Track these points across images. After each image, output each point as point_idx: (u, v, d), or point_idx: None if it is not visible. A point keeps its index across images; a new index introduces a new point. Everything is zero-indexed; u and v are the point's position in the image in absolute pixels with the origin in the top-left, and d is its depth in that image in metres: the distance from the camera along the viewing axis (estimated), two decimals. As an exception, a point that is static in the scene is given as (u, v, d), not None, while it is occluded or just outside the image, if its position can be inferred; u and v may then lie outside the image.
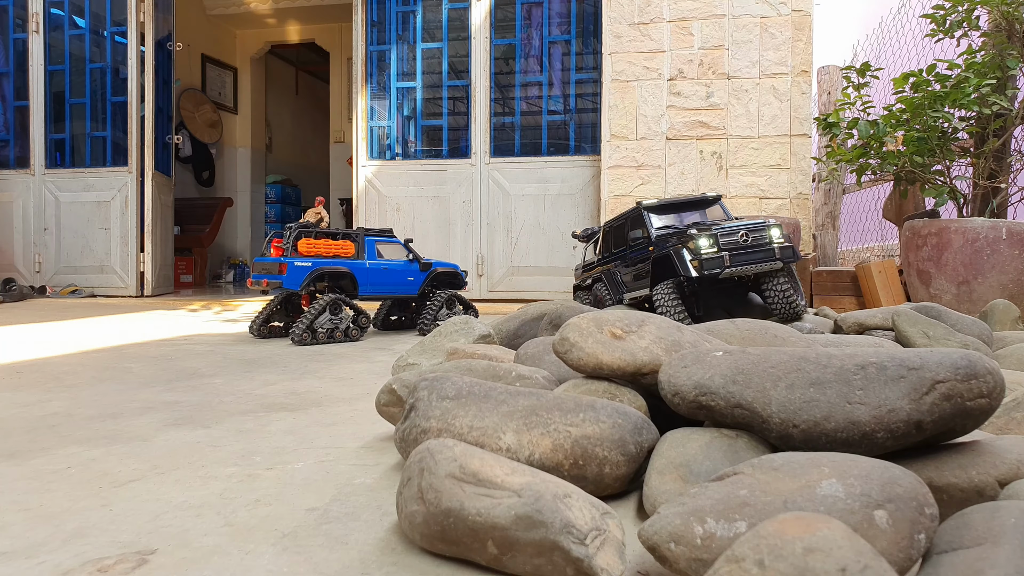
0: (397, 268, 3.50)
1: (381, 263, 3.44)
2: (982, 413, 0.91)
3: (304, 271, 3.20)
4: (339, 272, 3.30)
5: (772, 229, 2.55)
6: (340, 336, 3.19)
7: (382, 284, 3.44)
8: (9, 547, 0.92)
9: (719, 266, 2.49)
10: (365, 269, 3.38)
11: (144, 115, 5.98)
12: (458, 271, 3.77)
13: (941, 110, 3.42)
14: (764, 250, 2.52)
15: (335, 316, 3.18)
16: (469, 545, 0.83)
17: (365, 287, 3.38)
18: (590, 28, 5.42)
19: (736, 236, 2.53)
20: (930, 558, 0.72)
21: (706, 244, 2.52)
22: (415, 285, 3.55)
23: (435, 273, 3.63)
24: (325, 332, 3.13)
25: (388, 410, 1.41)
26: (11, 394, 1.97)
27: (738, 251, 2.50)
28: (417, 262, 3.56)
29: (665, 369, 1.14)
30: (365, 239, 3.43)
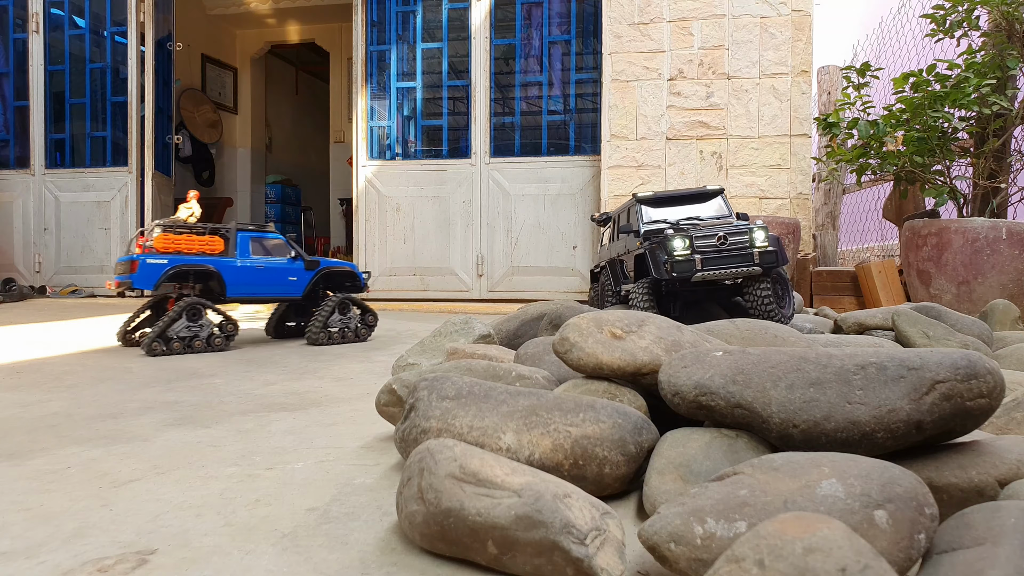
0: (275, 267, 3.11)
1: (255, 261, 3.06)
2: (982, 413, 0.91)
3: (158, 269, 2.82)
4: (204, 271, 2.92)
5: (755, 233, 2.43)
6: (200, 345, 2.84)
7: (256, 285, 3.06)
8: (9, 547, 0.92)
9: (690, 269, 2.40)
10: (234, 267, 2.99)
11: (144, 115, 5.98)
12: (355, 271, 3.40)
13: (941, 110, 3.42)
14: (741, 255, 2.40)
15: (193, 322, 2.83)
16: (469, 545, 0.83)
17: (235, 288, 3.00)
18: (590, 28, 5.42)
19: (713, 239, 2.43)
20: (930, 558, 0.72)
21: (679, 246, 2.43)
22: (298, 286, 3.19)
23: (324, 273, 3.26)
24: (182, 341, 2.80)
25: (388, 410, 1.41)
26: (11, 394, 1.97)
27: (713, 255, 2.40)
28: (301, 260, 3.20)
29: (665, 369, 1.14)
30: (237, 234, 3.06)
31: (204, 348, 2.85)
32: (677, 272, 2.40)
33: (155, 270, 2.82)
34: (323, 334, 3.10)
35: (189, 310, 2.84)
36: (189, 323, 2.83)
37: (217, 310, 2.93)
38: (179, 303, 2.83)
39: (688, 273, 2.40)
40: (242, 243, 3.07)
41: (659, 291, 2.62)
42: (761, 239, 2.41)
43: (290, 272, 3.16)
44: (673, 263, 2.40)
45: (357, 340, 3.20)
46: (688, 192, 2.86)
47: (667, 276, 2.42)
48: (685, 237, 2.43)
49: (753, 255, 2.40)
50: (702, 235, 2.44)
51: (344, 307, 3.20)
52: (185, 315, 2.82)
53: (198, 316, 2.85)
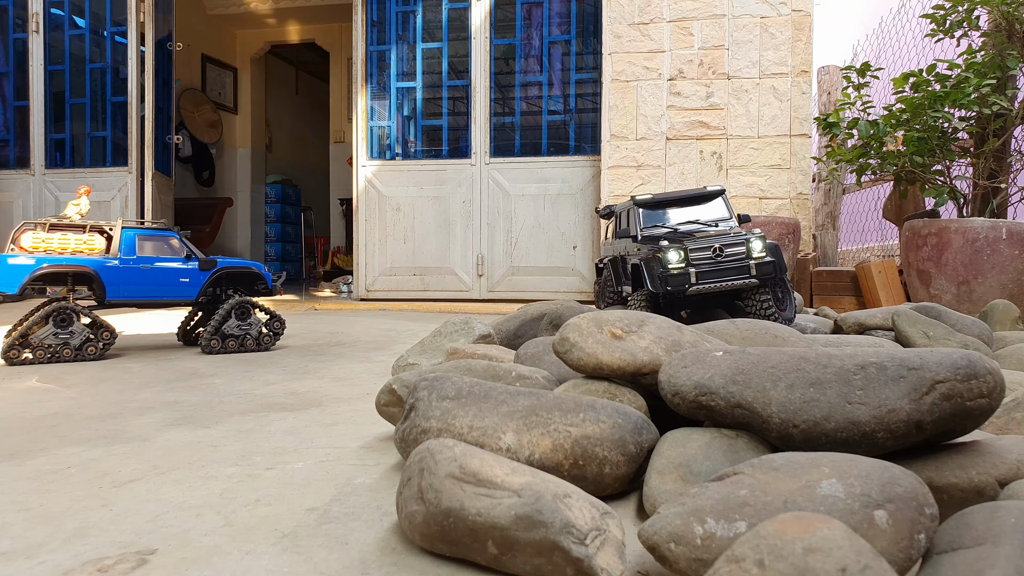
0: (163, 267, 2.83)
1: (139, 260, 2.78)
2: (982, 413, 0.91)
3: (22, 270, 2.57)
4: (79, 272, 2.65)
5: (753, 243, 2.37)
6: (69, 354, 2.61)
7: (141, 286, 2.78)
8: (9, 547, 0.92)
9: (685, 283, 2.36)
10: (114, 268, 2.72)
11: (144, 115, 5.98)
12: (260, 271, 3.09)
13: (941, 110, 3.42)
14: (738, 267, 2.36)
15: (61, 329, 2.62)
16: (469, 545, 0.83)
17: (115, 290, 2.73)
18: (590, 28, 5.42)
19: (708, 250, 2.38)
20: (930, 558, 0.72)
21: (674, 259, 2.38)
22: (191, 288, 2.89)
23: (221, 273, 2.98)
24: (47, 349, 2.58)
25: (388, 410, 1.41)
26: (11, 394, 1.97)
27: (708, 267, 2.36)
28: (196, 259, 2.92)
29: (665, 369, 1.14)
30: (122, 232, 2.79)
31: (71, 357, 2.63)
32: (672, 286, 2.37)
33: (18, 271, 2.57)
34: (215, 340, 2.87)
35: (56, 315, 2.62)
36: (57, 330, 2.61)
37: (91, 315, 2.70)
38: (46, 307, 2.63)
39: (683, 287, 2.36)
40: (126, 242, 2.79)
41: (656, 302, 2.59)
42: (759, 249, 2.36)
43: (181, 273, 2.87)
44: (668, 276, 2.37)
45: (259, 348, 2.95)
46: (688, 194, 2.79)
47: (662, 289, 2.38)
48: (680, 249, 2.38)
49: (750, 267, 2.35)
50: (697, 247, 2.39)
51: (243, 311, 2.93)
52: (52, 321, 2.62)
53: (68, 322, 2.63)
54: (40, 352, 2.59)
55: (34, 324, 2.60)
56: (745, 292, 2.42)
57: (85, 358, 2.66)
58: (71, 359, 2.63)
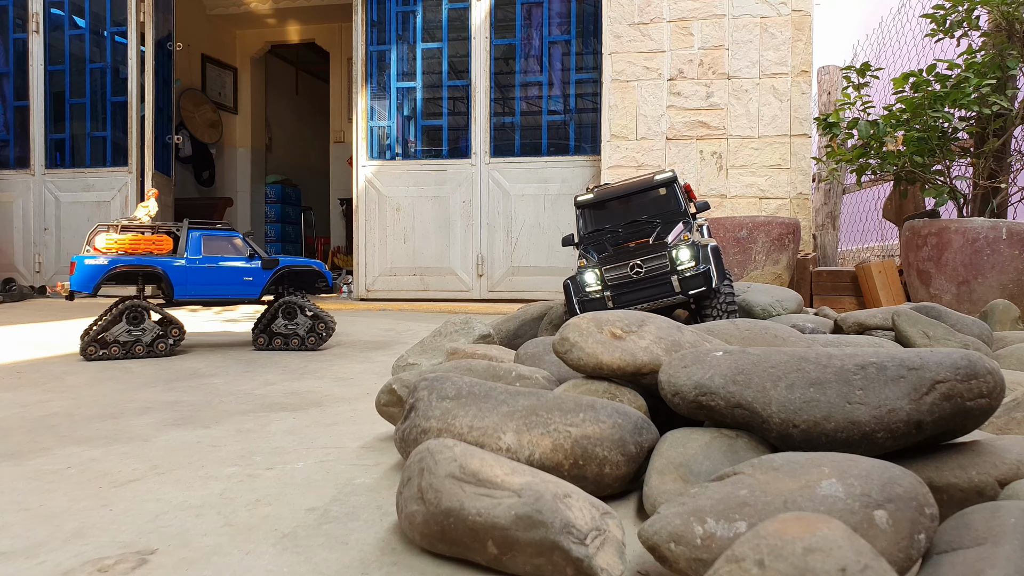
0: (227, 267, 2.88)
1: (205, 260, 2.85)
2: (982, 413, 0.91)
3: (97, 270, 2.66)
4: (149, 272, 2.74)
5: (679, 252, 2.15)
6: (140, 351, 2.68)
7: (206, 285, 2.84)
8: (9, 547, 0.92)
9: (601, 308, 2.17)
10: (181, 267, 2.79)
11: (144, 115, 5.98)
12: (320, 269, 3.07)
13: (941, 110, 3.42)
14: (660, 284, 2.16)
15: (134, 326, 2.69)
16: (469, 545, 0.83)
17: (183, 289, 2.79)
18: (590, 28, 5.42)
19: (626, 268, 2.19)
20: (930, 558, 0.72)
21: (590, 281, 2.21)
22: (255, 287, 2.92)
23: (283, 272, 2.99)
24: (121, 346, 2.67)
25: (388, 410, 1.41)
26: (11, 394, 1.97)
27: (627, 288, 2.18)
28: (258, 259, 2.95)
29: (665, 369, 1.14)
30: (188, 232, 2.86)
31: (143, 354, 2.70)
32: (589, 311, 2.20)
33: (92, 271, 2.67)
34: (263, 338, 2.92)
35: (130, 313, 2.69)
36: (130, 327, 2.68)
37: (163, 314, 2.76)
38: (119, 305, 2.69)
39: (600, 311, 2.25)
40: (193, 242, 2.86)
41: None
42: (687, 258, 2.14)
43: (245, 272, 2.92)
44: (584, 301, 2.22)
45: (304, 348, 2.95)
46: (633, 188, 2.53)
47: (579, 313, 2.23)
48: (595, 269, 2.22)
49: (671, 284, 2.15)
50: (613, 265, 2.20)
51: (289, 311, 2.95)
52: (125, 318, 2.69)
53: (139, 320, 2.70)
54: (115, 348, 2.67)
55: (109, 322, 2.68)
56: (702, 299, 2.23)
57: (156, 354, 2.75)
58: (143, 355, 2.72)
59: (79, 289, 2.68)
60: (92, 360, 2.63)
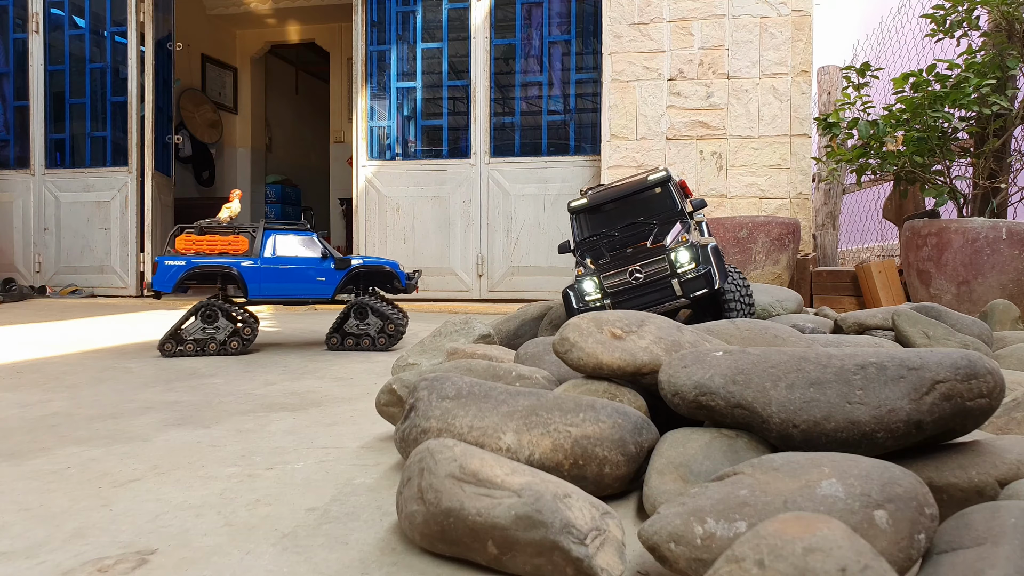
0: (301, 267, 2.92)
1: (278, 260, 2.89)
2: (982, 413, 0.91)
3: (176, 270, 2.76)
4: (225, 272, 2.80)
5: (678, 254, 2.09)
6: (214, 348, 2.76)
7: (280, 285, 2.88)
8: (9, 547, 0.92)
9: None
10: (255, 267, 2.83)
11: (144, 115, 5.98)
12: (395, 270, 3.05)
13: (941, 110, 3.42)
14: (660, 288, 2.11)
15: (208, 324, 2.77)
16: (469, 545, 0.83)
17: (256, 288, 2.84)
18: (590, 28, 5.42)
19: (624, 274, 2.13)
20: (930, 558, 0.72)
21: (589, 289, 2.15)
22: (327, 287, 2.94)
23: (356, 272, 2.98)
24: (195, 343, 2.75)
25: (388, 410, 1.41)
26: (11, 394, 1.97)
27: (627, 294, 2.12)
28: (331, 259, 2.96)
29: (665, 369, 1.14)
30: (265, 232, 2.90)
31: (216, 352, 2.78)
32: None
33: (172, 272, 2.77)
34: (335, 338, 2.96)
35: (204, 312, 2.78)
36: (204, 325, 2.77)
37: (231, 313, 2.81)
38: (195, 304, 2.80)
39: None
40: (267, 242, 2.91)
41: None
42: (686, 260, 2.09)
43: (318, 272, 2.94)
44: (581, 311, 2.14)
45: (375, 349, 2.97)
46: (627, 190, 2.47)
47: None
48: (594, 278, 2.16)
49: (672, 288, 2.09)
50: (611, 272, 2.14)
51: (361, 312, 2.96)
52: (200, 317, 2.77)
53: (213, 318, 2.78)
54: (189, 345, 2.75)
55: (185, 320, 2.77)
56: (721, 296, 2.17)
57: (228, 352, 2.81)
58: (215, 353, 2.79)
59: (160, 288, 2.78)
60: (168, 356, 2.72)
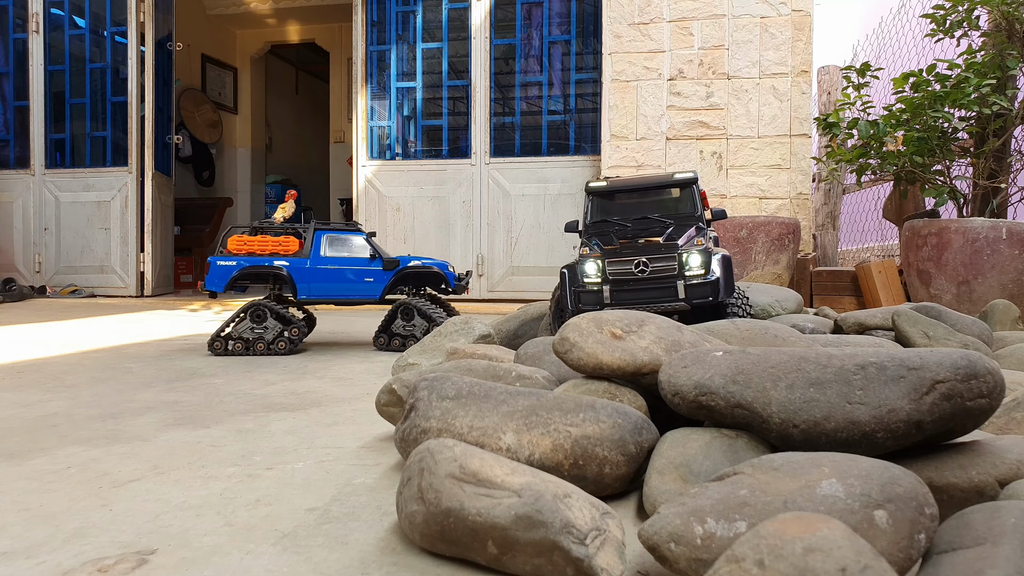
0: (349, 268, 2.93)
1: (327, 261, 2.91)
2: (982, 413, 0.91)
3: (227, 271, 2.81)
4: (274, 272, 2.85)
5: (690, 257, 2.00)
6: (262, 348, 2.78)
7: (328, 285, 2.90)
8: (9, 547, 0.92)
9: (595, 301, 2.02)
10: (303, 268, 2.86)
11: (144, 115, 5.98)
12: (443, 271, 3.03)
13: (941, 110, 3.42)
14: (664, 288, 2.00)
15: (256, 324, 2.79)
16: (469, 545, 0.83)
17: (306, 288, 2.87)
18: (590, 28, 5.42)
19: (630, 264, 2.02)
20: (930, 558, 0.72)
21: (591, 272, 2.03)
22: (376, 287, 2.95)
23: (404, 273, 2.98)
24: (244, 342, 2.78)
25: (388, 410, 1.41)
26: (11, 394, 1.97)
27: (629, 286, 2.02)
28: (380, 259, 2.97)
29: (665, 369, 1.14)
30: (315, 233, 2.93)
31: (264, 351, 2.79)
32: (584, 303, 2.03)
33: (223, 272, 2.83)
34: (383, 338, 2.95)
35: (253, 312, 2.80)
36: (253, 325, 2.79)
37: (280, 314, 2.82)
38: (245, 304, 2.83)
39: (593, 307, 2.00)
40: (316, 242, 2.92)
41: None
42: (696, 265, 2.00)
43: (366, 273, 2.95)
44: (581, 293, 2.04)
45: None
46: (650, 182, 2.36)
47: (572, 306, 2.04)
48: (597, 261, 2.05)
49: (675, 289, 2.00)
50: (619, 259, 2.04)
51: (407, 313, 2.93)
52: (249, 317, 2.80)
53: (262, 319, 2.80)
54: (238, 344, 2.79)
55: (234, 319, 2.81)
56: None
57: (276, 352, 2.82)
58: (263, 352, 2.80)
59: (212, 288, 2.83)
60: (219, 355, 2.76)
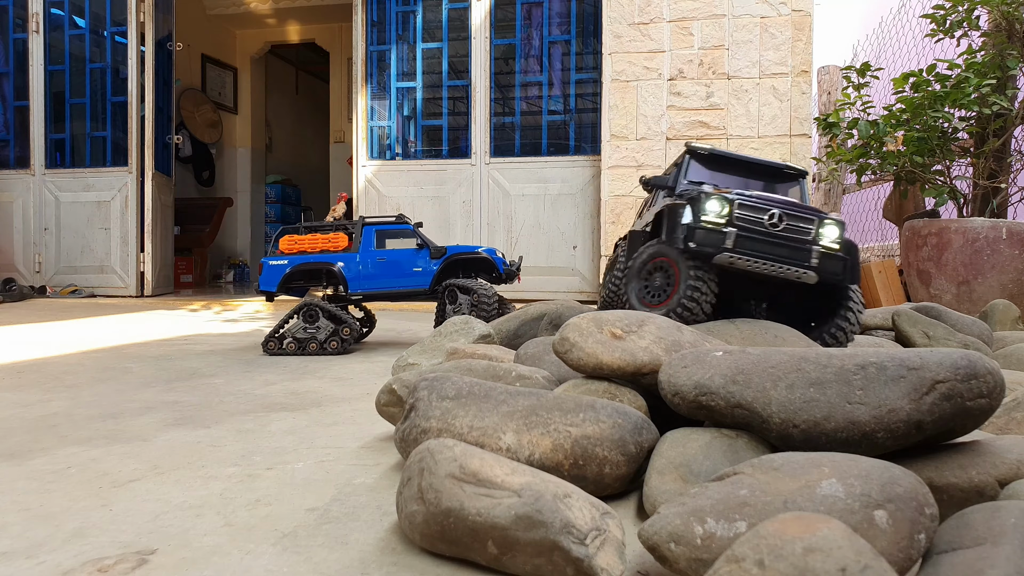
0: (399, 258, 2.94)
1: (376, 254, 2.93)
2: (982, 413, 0.91)
3: (279, 270, 2.85)
4: (326, 269, 2.88)
5: (826, 226, 1.74)
6: (315, 348, 2.79)
7: (380, 278, 2.92)
8: (9, 547, 0.92)
9: (715, 244, 1.70)
10: (353, 263, 2.89)
11: (144, 115, 5.98)
12: (492, 257, 3.01)
13: (941, 110, 3.42)
14: (796, 249, 1.71)
15: (309, 324, 2.81)
16: (469, 545, 0.83)
17: (357, 283, 2.90)
18: (590, 28, 5.42)
19: (764, 214, 1.73)
20: (930, 558, 0.72)
21: (713, 209, 1.72)
22: (425, 277, 2.96)
23: (452, 260, 2.98)
24: (297, 342, 2.79)
25: (388, 410, 1.41)
26: (11, 394, 1.97)
27: (756, 237, 1.71)
28: (427, 250, 2.98)
29: (665, 369, 1.14)
30: (363, 228, 2.95)
31: (317, 351, 2.78)
32: (696, 243, 1.70)
33: (276, 271, 2.86)
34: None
35: (305, 312, 2.80)
36: (306, 325, 2.81)
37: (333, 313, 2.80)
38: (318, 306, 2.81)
39: (711, 248, 1.70)
40: (364, 237, 2.96)
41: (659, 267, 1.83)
42: (833, 236, 1.74)
43: (414, 263, 2.96)
44: (695, 230, 1.71)
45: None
46: (758, 161, 2.13)
47: (682, 244, 1.72)
48: (724, 201, 1.74)
49: (811, 254, 1.71)
50: (750, 204, 1.75)
51: (452, 296, 2.92)
52: (301, 317, 2.80)
53: (314, 318, 2.80)
54: (291, 344, 2.79)
55: (287, 319, 2.82)
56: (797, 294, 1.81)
57: (328, 352, 2.81)
58: (316, 352, 2.80)
59: (266, 288, 2.86)
60: (273, 355, 2.76)
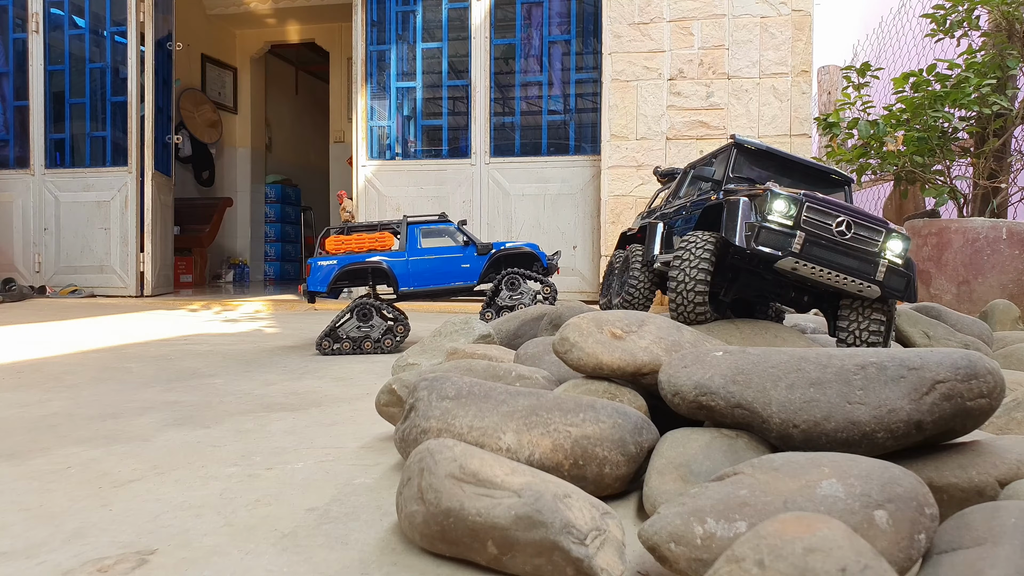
0: (446, 256, 3.00)
1: (425, 252, 2.98)
2: (982, 413, 0.91)
3: (328, 271, 2.88)
4: (375, 268, 2.91)
5: (892, 239, 1.69)
6: (369, 346, 2.82)
7: (429, 276, 2.96)
8: (9, 547, 0.92)
9: (781, 246, 1.64)
10: (403, 261, 2.93)
11: (144, 115, 5.98)
12: (535, 251, 3.09)
13: (941, 110, 3.42)
14: (863, 260, 1.68)
15: (363, 323, 2.84)
16: (469, 545, 0.83)
17: (407, 282, 2.94)
18: (590, 28, 5.42)
19: (832, 221, 1.68)
20: (930, 558, 0.72)
21: (780, 208, 1.67)
22: (472, 273, 3.01)
23: (498, 256, 3.03)
24: (351, 341, 2.81)
25: (388, 410, 1.41)
26: (11, 394, 1.97)
27: (824, 243, 1.66)
28: (473, 246, 3.03)
29: (665, 369, 1.14)
30: (409, 227, 3.00)
31: (372, 350, 2.83)
32: (761, 244, 1.65)
33: (325, 272, 2.88)
34: (490, 313, 2.95)
35: (359, 310, 2.83)
36: (360, 324, 2.83)
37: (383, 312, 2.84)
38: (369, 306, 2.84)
39: (775, 250, 1.65)
40: (411, 235, 3.00)
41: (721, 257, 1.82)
42: (898, 250, 1.70)
43: (461, 260, 3.02)
44: (762, 229, 1.66)
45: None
46: (804, 161, 2.08)
47: (744, 245, 1.67)
48: (793, 201, 1.68)
49: (878, 267, 1.68)
50: (819, 207, 1.69)
51: (513, 283, 2.97)
52: (355, 315, 2.82)
53: (368, 317, 2.83)
54: (346, 343, 2.81)
55: (341, 318, 2.83)
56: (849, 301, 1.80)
57: (383, 350, 2.85)
58: (371, 351, 2.83)
59: (315, 289, 2.87)
60: (327, 354, 2.79)
